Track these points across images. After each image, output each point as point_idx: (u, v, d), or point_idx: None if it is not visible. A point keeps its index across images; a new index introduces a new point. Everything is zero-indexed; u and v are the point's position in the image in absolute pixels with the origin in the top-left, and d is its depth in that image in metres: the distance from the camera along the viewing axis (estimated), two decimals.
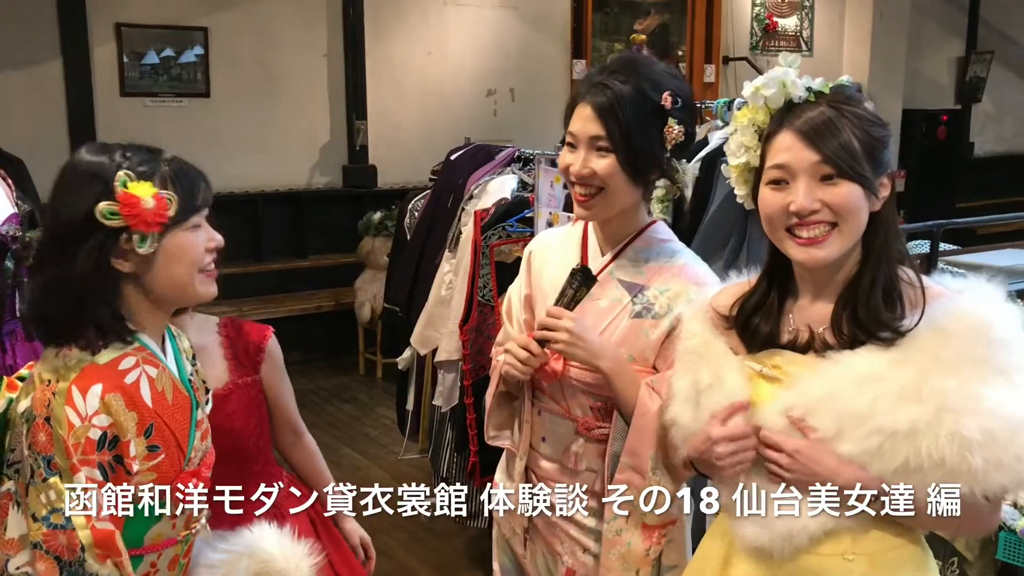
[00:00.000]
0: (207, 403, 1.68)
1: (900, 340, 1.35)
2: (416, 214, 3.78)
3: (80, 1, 5.45)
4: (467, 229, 3.24)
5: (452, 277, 3.33)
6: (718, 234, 2.67)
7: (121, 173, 1.38)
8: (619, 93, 1.72)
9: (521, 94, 7.02)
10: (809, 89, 1.41)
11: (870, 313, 1.37)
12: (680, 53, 7.87)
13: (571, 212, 2.03)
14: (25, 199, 2.70)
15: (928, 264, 4.00)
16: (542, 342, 1.76)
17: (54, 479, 1.32)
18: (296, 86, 6.23)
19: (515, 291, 2.01)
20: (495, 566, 2.05)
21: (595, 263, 1.85)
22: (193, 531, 1.53)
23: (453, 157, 3.78)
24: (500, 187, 3.30)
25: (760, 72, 1.48)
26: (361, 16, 6.32)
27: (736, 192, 1.53)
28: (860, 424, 1.33)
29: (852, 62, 8.04)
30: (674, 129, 1.76)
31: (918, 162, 8.41)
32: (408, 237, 3.78)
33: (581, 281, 1.74)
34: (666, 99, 1.74)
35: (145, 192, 1.37)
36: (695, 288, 1.73)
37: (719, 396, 1.47)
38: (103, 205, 1.35)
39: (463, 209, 3.36)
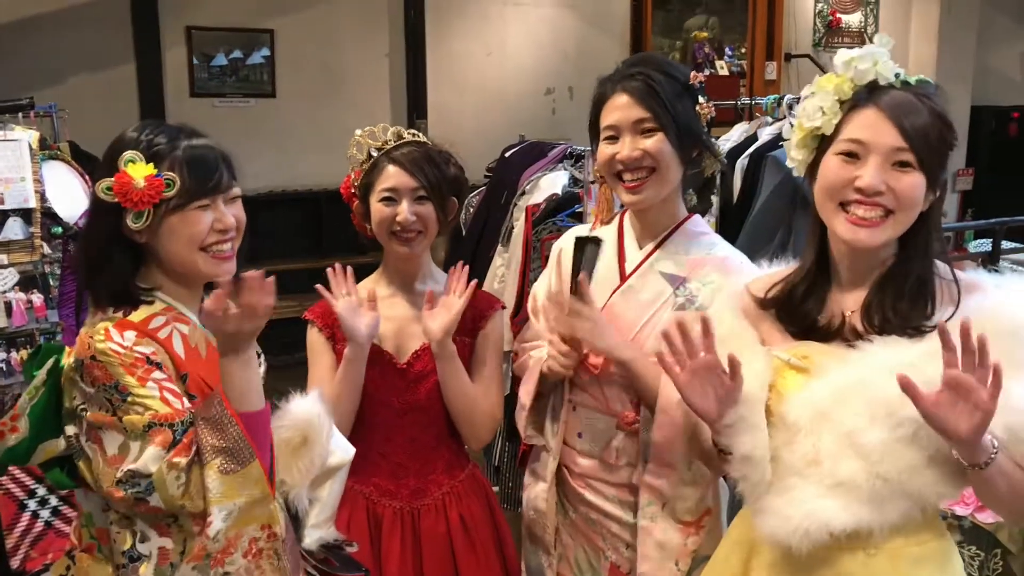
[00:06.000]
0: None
1: (931, 332, 1.34)
2: (471, 210, 3.85)
3: (153, 6, 5.67)
4: (519, 224, 3.29)
5: (504, 271, 3.38)
6: (765, 227, 2.69)
7: (128, 153, 1.46)
8: (652, 76, 1.76)
9: (580, 92, 7.05)
10: (897, 75, 1.41)
11: (900, 307, 1.38)
12: (743, 50, 7.82)
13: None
14: None
15: (990, 262, 3.93)
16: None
17: (131, 396, 1.41)
18: (358, 86, 6.37)
19: (542, 289, 2.03)
20: (522, 565, 2.07)
21: (633, 256, 1.87)
22: None
23: (507, 154, 3.83)
24: (551, 183, 3.34)
25: (823, 69, 1.50)
26: (422, 17, 6.42)
27: (791, 156, 1.50)
28: (892, 412, 1.33)
29: (918, 57, 7.86)
30: (705, 106, 1.80)
31: (987, 160, 8.18)
32: (463, 233, 3.85)
33: (590, 247, 1.76)
34: (693, 78, 1.79)
35: (139, 173, 1.45)
36: (736, 279, 1.74)
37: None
38: (103, 182, 1.47)
39: (515, 205, 3.41)
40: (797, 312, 1.49)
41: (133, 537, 1.45)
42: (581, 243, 1.78)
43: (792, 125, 1.55)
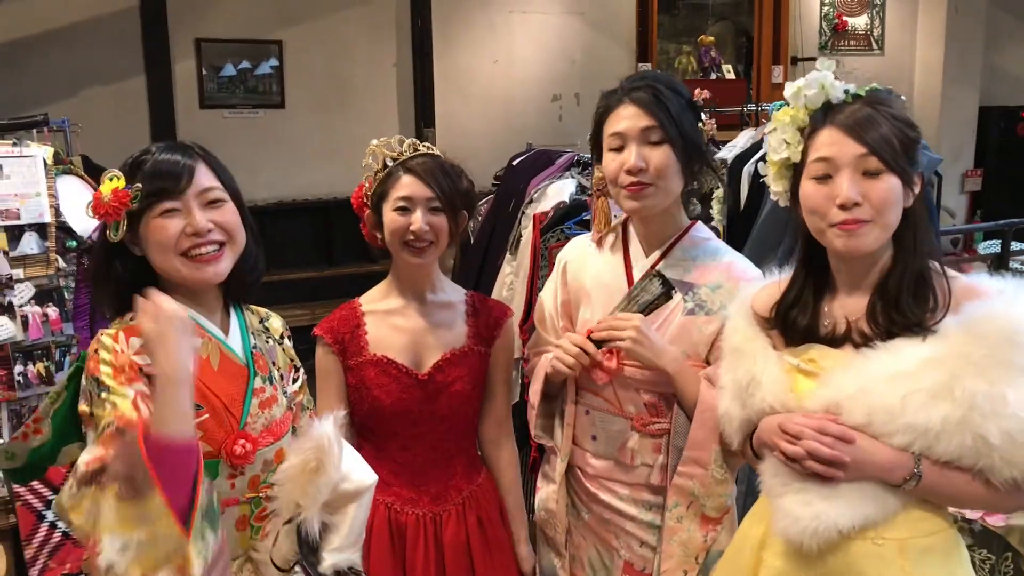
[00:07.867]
0: (294, 381, 1.73)
1: (932, 336, 1.39)
2: (480, 219, 3.87)
3: (162, 19, 5.71)
4: (527, 232, 3.30)
5: (513, 279, 3.40)
6: (772, 234, 2.70)
7: (111, 171, 1.51)
8: (658, 88, 1.79)
9: (586, 99, 7.06)
10: (847, 91, 1.48)
11: (902, 306, 1.42)
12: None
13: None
14: None
15: (999, 263, 3.93)
16: (599, 343, 1.81)
17: (107, 392, 1.40)
18: (366, 95, 6.40)
19: (548, 298, 2.05)
20: (536, 567, 2.10)
21: (640, 263, 1.89)
22: (263, 495, 1.56)
23: (515, 163, 3.86)
24: (559, 191, 3.35)
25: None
26: (429, 26, 6.45)
27: (772, 189, 1.58)
28: (891, 419, 1.38)
29: (925, 60, 7.86)
30: (708, 123, 1.83)
31: (996, 160, 8.15)
32: (471, 241, 3.88)
33: (662, 290, 1.77)
34: (697, 95, 1.82)
35: (107, 188, 1.49)
36: (744, 284, 1.78)
37: (760, 394, 1.52)
38: (87, 199, 1.52)
39: (523, 213, 3.43)
40: (787, 322, 1.55)
41: None
42: (655, 277, 1.79)
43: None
